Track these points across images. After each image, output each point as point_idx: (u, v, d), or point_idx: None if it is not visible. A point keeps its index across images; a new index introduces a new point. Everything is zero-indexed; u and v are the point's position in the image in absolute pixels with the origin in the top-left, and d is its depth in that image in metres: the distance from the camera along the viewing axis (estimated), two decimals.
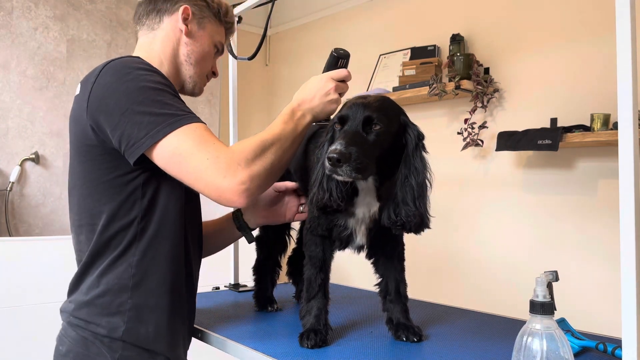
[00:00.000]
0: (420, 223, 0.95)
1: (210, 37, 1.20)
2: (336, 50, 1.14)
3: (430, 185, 0.96)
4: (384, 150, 0.94)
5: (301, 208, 1.28)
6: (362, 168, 0.88)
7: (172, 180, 1.01)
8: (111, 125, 0.95)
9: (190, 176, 0.94)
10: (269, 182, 1.00)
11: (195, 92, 1.23)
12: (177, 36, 1.16)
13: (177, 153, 0.93)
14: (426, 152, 0.97)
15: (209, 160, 0.91)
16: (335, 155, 0.85)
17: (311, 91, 1.09)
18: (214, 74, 1.26)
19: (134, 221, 1.02)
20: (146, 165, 0.99)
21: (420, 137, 0.97)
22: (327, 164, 0.87)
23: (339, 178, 0.90)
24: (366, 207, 1.03)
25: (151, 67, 1.03)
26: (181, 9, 1.14)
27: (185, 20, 1.15)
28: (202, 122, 0.97)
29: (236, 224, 1.31)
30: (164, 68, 1.15)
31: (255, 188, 0.94)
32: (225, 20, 1.24)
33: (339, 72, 1.13)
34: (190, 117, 0.96)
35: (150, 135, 0.92)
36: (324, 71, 1.14)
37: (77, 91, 1.06)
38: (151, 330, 1.04)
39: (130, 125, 0.93)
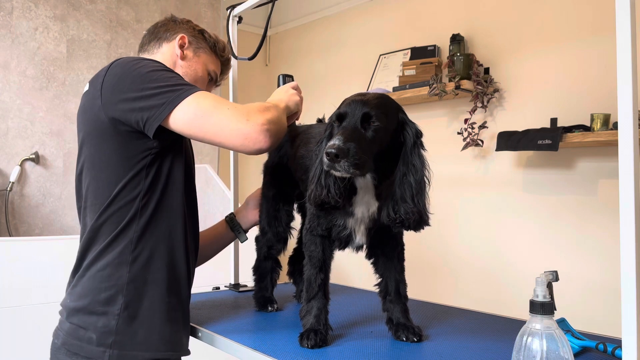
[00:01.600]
0: (419, 220, 0.95)
1: (204, 64, 1.31)
2: (284, 75, 1.36)
3: (429, 182, 0.96)
4: (381, 147, 0.94)
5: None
6: (360, 164, 0.88)
7: (174, 164, 1.13)
8: (128, 106, 1.03)
9: (215, 128, 1.02)
10: (279, 130, 1.09)
11: None
12: (173, 59, 1.27)
13: (199, 110, 1.02)
14: (424, 149, 0.97)
15: (230, 110, 1.02)
16: (333, 150, 0.86)
17: (278, 95, 1.26)
18: None
19: (136, 199, 1.09)
20: (161, 141, 1.08)
21: (418, 134, 0.97)
22: (325, 159, 0.87)
23: (337, 174, 0.90)
24: (365, 207, 1.03)
25: (158, 62, 1.14)
26: (178, 36, 1.28)
27: (181, 47, 1.28)
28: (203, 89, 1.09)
29: (230, 226, 1.45)
30: None
31: (274, 130, 1.04)
32: (221, 55, 1.36)
33: (290, 84, 1.32)
34: (200, 89, 1.06)
35: (169, 102, 1.01)
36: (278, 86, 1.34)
37: (86, 88, 1.14)
38: (147, 305, 1.08)
39: (147, 99, 1.02)
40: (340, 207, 1.00)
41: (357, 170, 0.88)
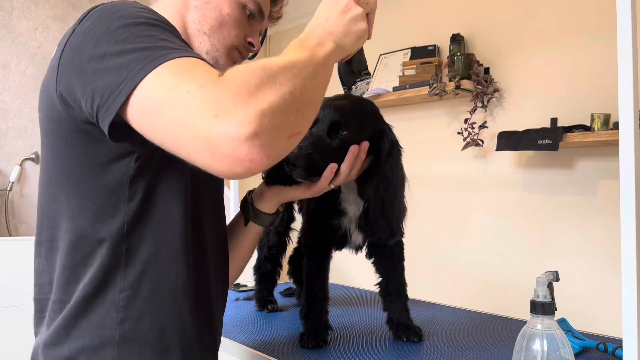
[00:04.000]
0: (389, 234, 0.95)
1: None
2: None
3: (402, 194, 0.95)
4: None
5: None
6: (317, 173, 0.89)
7: (177, 170, 0.73)
8: (82, 82, 0.63)
9: (168, 131, 0.57)
10: (292, 120, 0.58)
11: None
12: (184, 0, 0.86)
13: (150, 98, 0.58)
14: (399, 160, 0.96)
15: (190, 93, 0.55)
16: (290, 159, 0.86)
17: (321, 14, 0.76)
18: (251, 44, 0.90)
19: (117, 237, 0.70)
20: (135, 143, 0.66)
21: (393, 144, 0.95)
22: (285, 165, 0.87)
23: (297, 179, 0.90)
24: (355, 205, 1.02)
25: (153, 11, 0.73)
26: None
27: None
28: (201, 58, 0.63)
29: (245, 214, 0.99)
30: None
31: (272, 130, 0.55)
32: None
33: None
34: (183, 51, 0.62)
35: (130, 78, 0.59)
36: None
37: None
38: None
39: (104, 73, 0.61)
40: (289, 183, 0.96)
41: (314, 178, 0.89)
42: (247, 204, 0.98)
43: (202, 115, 0.53)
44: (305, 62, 0.65)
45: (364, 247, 1.11)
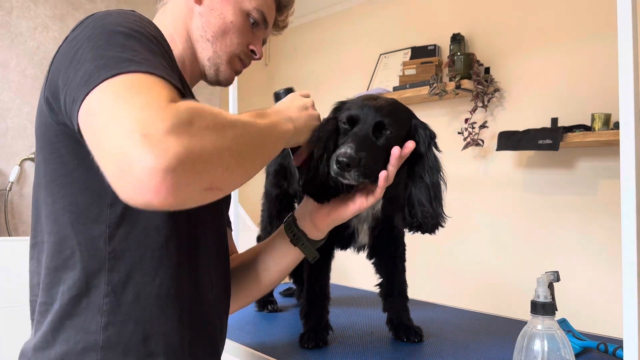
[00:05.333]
0: (435, 223, 0.94)
1: (236, 2, 0.87)
2: (280, 92, 0.97)
3: (445, 184, 0.95)
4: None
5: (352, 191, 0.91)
6: (369, 173, 0.86)
7: None
8: (62, 86, 0.63)
9: (94, 138, 0.55)
10: (217, 174, 0.56)
11: (221, 80, 0.91)
12: (189, 6, 0.87)
13: (93, 105, 0.56)
14: (439, 150, 0.96)
15: (134, 107, 0.52)
16: (345, 159, 0.82)
17: (284, 104, 0.84)
18: (253, 53, 0.92)
19: (99, 240, 0.69)
20: None
21: (432, 135, 0.96)
22: (334, 166, 0.84)
23: (345, 182, 0.87)
24: None
25: (145, 23, 0.71)
26: None
27: None
28: (167, 78, 0.60)
29: (289, 236, 0.92)
30: (177, 48, 0.87)
31: (191, 174, 0.52)
32: None
33: (301, 92, 0.92)
34: (149, 66, 0.59)
35: (86, 85, 0.57)
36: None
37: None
38: None
39: (75, 79, 0.60)
40: (328, 200, 0.91)
41: (366, 180, 0.86)
42: (299, 235, 0.92)
43: (132, 130, 0.50)
44: (259, 130, 0.67)
45: (366, 247, 1.11)
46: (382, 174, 0.85)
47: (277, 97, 0.94)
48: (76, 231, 0.70)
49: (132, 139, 0.50)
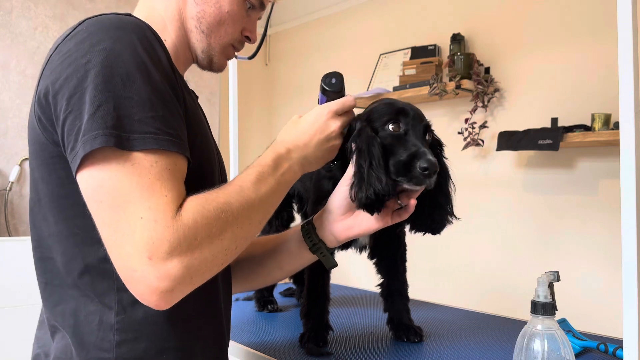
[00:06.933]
0: (446, 223, 0.95)
1: None
2: (327, 76, 0.89)
3: (454, 188, 0.96)
4: None
5: (399, 202, 0.87)
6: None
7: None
8: (60, 113, 0.63)
9: (103, 229, 0.61)
10: (212, 273, 0.65)
11: (214, 68, 0.88)
12: None
13: (104, 188, 0.59)
14: (446, 158, 0.97)
15: (142, 221, 0.58)
16: (435, 168, 0.80)
17: (306, 133, 0.80)
18: (248, 38, 0.89)
19: (106, 261, 0.67)
20: None
21: (441, 143, 0.98)
22: (420, 173, 0.80)
23: (418, 187, 0.84)
24: None
25: (152, 35, 0.69)
26: None
27: None
28: (182, 152, 0.64)
29: (308, 244, 0.89)
30: (169, 35, 0.82)
31: (189, 286, 0.61)
32: None
33: (345, 102, 0.84)
34: (168, 141, 0.62)
35: (91, 140, 0.59)
36: (320, 100, 0.88)
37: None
38: None
39: (77, 115, 0.60)
40: (379, 211, 0.85)
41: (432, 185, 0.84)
42: (319, 245, 0.89)
43: (139, 249, 0.57)
44: (264, 199, 0.71)
45: (367, 248, 1.11)
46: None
47: (325, 89, 0.88)
48: (83, 252, 0.69)
49: (138, 258, 0.58)
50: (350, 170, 0.85)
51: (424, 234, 0.95)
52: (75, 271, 0.70)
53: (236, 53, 0.91)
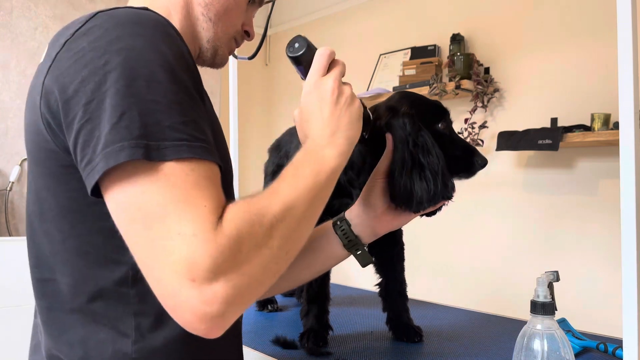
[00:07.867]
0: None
1: None
2: (289, 46, 0.82)
3: None
4: None
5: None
6: None
7: None
8: (77, 115, 0.55)
9: (140, 252, 0.53)
10: (265, 287, 0.57)
11: (217, 62, 0.84)
12: None
13: (135, 206, 0.52)
14: None
15: (180, 236, 0.50)
16: (487, 160, 0.93)
17: (313, 112, 0.73)
18: (247, 34, 0.86)
19: (123, 284, 0.62)
20: None
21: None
22: (479, 166, 0.94)
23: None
24: None
25: (173, 32, 0.62)
26: None
27: None
28: (214, 159, 0.57)
29: (344, 241, 0.85)
30: (174, 24, 0.74)
31: (239, 310, 0.53)
32: None
33: (321, 57, 0.79)
34: (201, 149, 0.55)
35: (117, 151, 0.52)
36: (300, 72, 0.85)
37: (42, 58, 0.66)
38: None
39: (97, 123, 0.53)
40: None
41: None
42: (355, 242, 0.85)
43: (178, 271, 0.49)
44: (305, 201, 0.60)
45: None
46: None
47: (297, 58, 0.81)
48: (95, 275, 0.62)
49: (179, 281, 0.49)
50: (385, 163, 0.84)
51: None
52: (84, 295, 0.63)
53: (236, 53, 0.89)
